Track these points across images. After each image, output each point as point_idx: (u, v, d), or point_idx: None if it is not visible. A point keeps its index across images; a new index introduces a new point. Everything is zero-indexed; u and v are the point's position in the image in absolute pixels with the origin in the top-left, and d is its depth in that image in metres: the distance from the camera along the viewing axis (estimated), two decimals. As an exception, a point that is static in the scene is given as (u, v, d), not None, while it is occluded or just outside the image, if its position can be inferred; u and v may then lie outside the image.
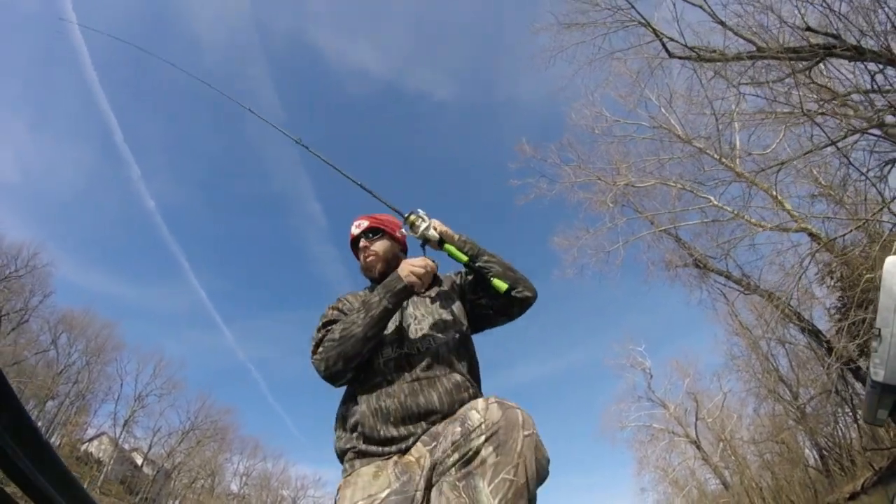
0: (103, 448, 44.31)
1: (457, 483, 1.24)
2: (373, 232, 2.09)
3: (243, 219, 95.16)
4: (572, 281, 17.42)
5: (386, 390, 1.67)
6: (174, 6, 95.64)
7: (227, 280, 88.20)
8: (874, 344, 3.37)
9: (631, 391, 27.69)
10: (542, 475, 1.30)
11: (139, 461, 46.32)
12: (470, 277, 2.06)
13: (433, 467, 1.38)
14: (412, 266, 1.81)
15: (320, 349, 1.76)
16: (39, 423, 38.66)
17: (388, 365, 1.74)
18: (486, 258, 1.94)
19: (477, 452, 1.26)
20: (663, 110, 14.40)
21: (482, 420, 1.31)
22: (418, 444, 1.55)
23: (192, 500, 45.54)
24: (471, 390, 1.71)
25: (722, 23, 10.64)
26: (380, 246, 2.06)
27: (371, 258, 2.05)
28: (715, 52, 10.93)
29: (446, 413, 1.60)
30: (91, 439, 44.62)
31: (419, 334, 1.81)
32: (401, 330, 1.83)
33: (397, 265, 1.90)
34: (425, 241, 1.93)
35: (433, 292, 2.00)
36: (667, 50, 10.43)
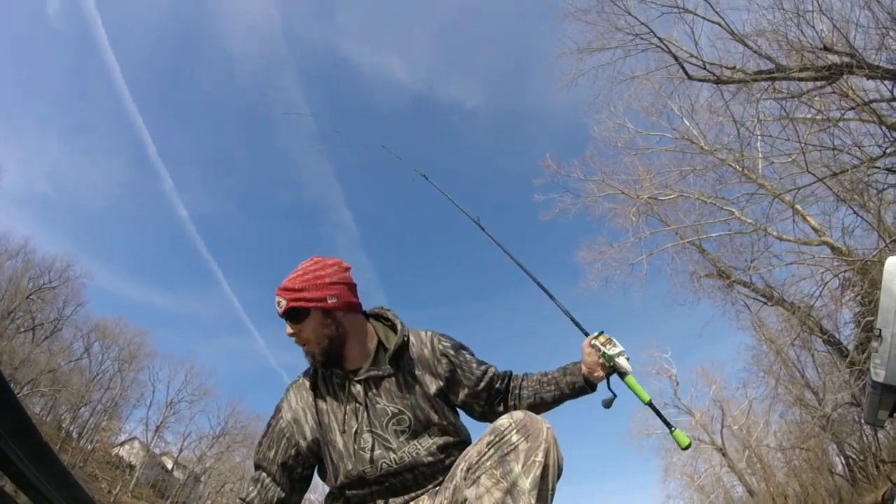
0: (134, 452, 45.17)
1: (493, 471, 1.30)
2: (295, 315, 1.67)
3: (275, 226, 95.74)
4: (596, 288, 17.58)
5: None
6: (205, 19, 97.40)
7: (260, 287, 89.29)
8: (874, 344, 3.43)
9: (657, 398, 27.59)
10: (561, 466, 1.37)
11: (169, 465, 47.20)
12: (472, 379, 1.80)
13: (468, 469, 1.40)
14: None
15: (249, 482, 1.71)
16: (72, 429, 39.88)
17: (377, 481, 1.61)
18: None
19: (511, 443, 1.33)
20: (686, 121, 14.48)
21: (511, 420, 1.38)
22: None
23: (222, 504, 46.24)
24: None
25: (741, 40, 10.86)
26: (310, 331, 1.68)
27: (305, 347, 1.72)
28: (734, 68, 11.13)
29: None
30: (122, 443, 45.51)
31: (411, 445, 1.64)
32: (377, 445, 1.62)
33: (341, 340, 1.71)
34: (613, 369, 1.76)
35: (409, 378, 1.73)
36: (685, 72, 10.66)
